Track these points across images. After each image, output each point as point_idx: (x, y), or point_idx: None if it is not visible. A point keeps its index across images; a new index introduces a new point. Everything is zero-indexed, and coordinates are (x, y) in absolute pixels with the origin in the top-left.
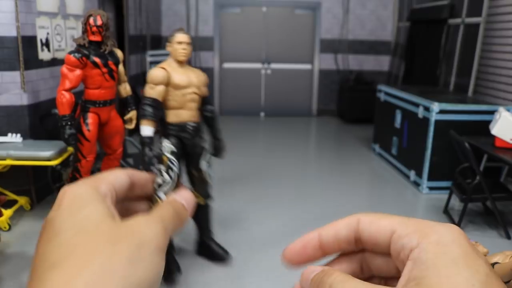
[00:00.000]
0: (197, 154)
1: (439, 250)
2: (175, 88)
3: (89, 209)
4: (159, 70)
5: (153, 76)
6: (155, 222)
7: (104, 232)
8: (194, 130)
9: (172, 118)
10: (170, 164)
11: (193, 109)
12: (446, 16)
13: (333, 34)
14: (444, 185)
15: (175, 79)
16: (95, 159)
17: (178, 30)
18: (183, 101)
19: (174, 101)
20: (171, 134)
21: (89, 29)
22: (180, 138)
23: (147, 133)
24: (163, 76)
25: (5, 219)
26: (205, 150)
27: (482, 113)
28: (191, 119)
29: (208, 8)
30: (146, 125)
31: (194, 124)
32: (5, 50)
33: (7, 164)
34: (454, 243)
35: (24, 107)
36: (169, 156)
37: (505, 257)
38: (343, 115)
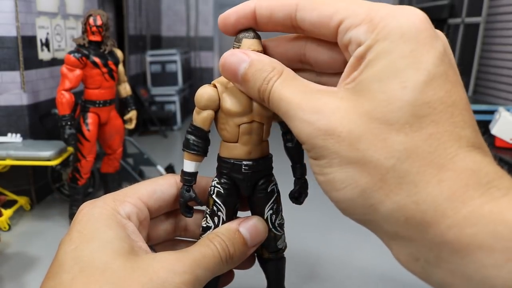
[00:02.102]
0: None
1: (384, 48)
2: (227, 114)
3: (99, 242)
4: (206, 89)
5: (198, 97)
6: (183, 268)
7: (111, 274)
8: (252, 172)
9: (223, 152)
10: (215, 208)
11: (253, 142)
12: (446, 16)
13: None
14: None
15: (227, 103)
16: (95, 159)
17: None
18: (236, 132)
19: (225, 131)
20: (223, 173)
21: (89, 29)
22: (233, 179)
23: (187, 169)
24: (209, 98)
25: (5, 219)
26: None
27: (482, 113)
28: (248, 156)
29: (208, 8)
30: (186, 159)
31: (251, 163)
32: (5, 50)
33: (6, 164)
34: (403, 34)
35: (24, 107)
36: (215, 199)
37: None
38: None
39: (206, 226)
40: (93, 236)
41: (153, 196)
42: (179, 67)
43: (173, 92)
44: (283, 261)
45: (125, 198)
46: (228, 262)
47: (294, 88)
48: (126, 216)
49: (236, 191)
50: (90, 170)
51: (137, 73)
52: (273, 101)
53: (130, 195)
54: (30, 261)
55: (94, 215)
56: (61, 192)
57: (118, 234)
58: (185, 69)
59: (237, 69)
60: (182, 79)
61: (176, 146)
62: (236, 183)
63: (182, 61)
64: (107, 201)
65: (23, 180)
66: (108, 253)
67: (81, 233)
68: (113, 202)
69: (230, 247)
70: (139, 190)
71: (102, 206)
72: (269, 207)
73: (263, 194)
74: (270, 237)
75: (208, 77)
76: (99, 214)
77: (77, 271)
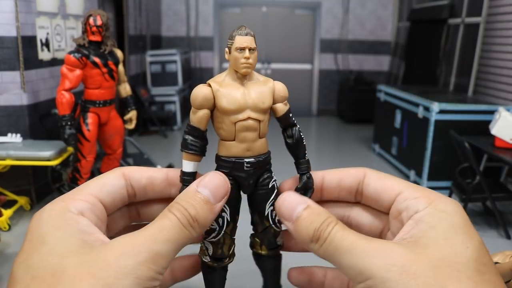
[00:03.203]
0: (260, 197)
1: (442, 217)
2: (222, 113)
3: (48, 245)
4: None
5: (193, 96)
6: (137, 248)
7: (62, 273)
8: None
9: (222, 151)
10: None
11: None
12: (446, 16)
13: (333, 34)
14: (444, 185)
15: (222, 101)
16: (95, 159)
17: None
18: (233, 129)
19: (222, 129)
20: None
21: (89, 29)
22: (234, 177)
23: (186, 169)
24: (204, 98)
25: (5, 219)
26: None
27: (482, 113)
28: (247, 153)
29: (208, 8)
30: (185, 159)
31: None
32: (5, 50)
33: (7, 164)
34: (456, 213)
35: (24, 107)
36: None
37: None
38: (343, 115)
39: (210, 229)
40: (42, 241)
41: (103, 190)
42: (179, 67)
43: (173, 92)
44: (279, 258)
45: (75, 196)
46: (194, 226)
47: (355, 234)
48: (79, 213)
49: (238, 189)
50: (90, 170)
51: (137, 73)
52: (334, 240)
53: (79, 193)
54: None
55: (43, 220)
56: (61, 192)
57: (67, 232)
58: (185, 69)
59: (294, 208)
60: (182, 79)
61: (176, 146)
62: (237, 182)
63: (182, 61)
64: (55, 202)
65: (23, 180)
66: (57, 253)
67: (30, 242)
68: (62, 202)
69: (191, 209)
70: (88, 187)
71: (50, 209)
72: (270, 203)
73: (265, 190)
74: (270, 233)
75: (208, 77)
76: (47, 217)
77: (29, 279)
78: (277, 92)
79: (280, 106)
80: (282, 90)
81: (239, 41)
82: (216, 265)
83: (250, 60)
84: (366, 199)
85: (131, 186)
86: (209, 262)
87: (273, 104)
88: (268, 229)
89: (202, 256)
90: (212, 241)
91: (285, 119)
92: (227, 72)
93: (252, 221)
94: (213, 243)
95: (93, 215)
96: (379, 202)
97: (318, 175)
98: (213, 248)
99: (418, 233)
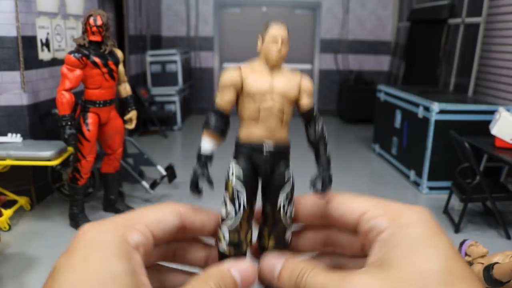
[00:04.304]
0: (274, 186)
1: (404, 233)
2: (248, 95)
3: (106, 274)
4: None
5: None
6: None
7: None
8: (271, 155)
9: (243, 135)
10: (235, 192)
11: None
12: (446, 16)
13: (333, 34)
14: (444, 185)
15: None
16: (95, 159)
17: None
18: (257, 113)
19: (246, 110)
20: (242, 155)
21: (89, 29)
22: (252, 162)
23: (205, 150)
24: (232, 81)
25: (5, 219)
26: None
27: (482, 113)
28: (267, 138)
29: (208, 8)
30: (205, 136)
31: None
32: (5, 50)
33: (7, 164)
34: (418, 224)
35: (24, 107)
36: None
37: (505, 257)
38: (343, 115)
39: (226, 214)
40: (101, 267)
41: (158, 225)
42: (179, 67)
43: (173, 92)
44: None
45: (134, 225)
46: None
47: (326, 275)
48: (135, 246)
49: (255, 174)
50: (90, 170)
51: (137, 73)
52: (310, 286)
53: (138, 221)
54: (30, 261)
55: (102, 241)
56: (61, 192)
57: (126, 268)
58: (185, 69)
59: (274, 268)
60: (182, 79)
61: (176, 146)
62: (254, 167)
63: (182, 61)
64: (116, 225)
65: (23, 180)
66: (98, 284)
67: (86, 261)
68: (122, 228)
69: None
70: (147, 217)
71: (111, 231)
72: (284, 194)
73: (280, 181)
74: (280, 228)
75: (208, 77)
76: (107, 241)
77: None
78: (303, 86)
79: (305, 100)
80: (308, 85)
81: (273, 32)
82: (234, 252)
83: (283, 51)
84: (334, 223)
85: (184, 228)
86: (225, 250)
87: (298, 98)
88: (278, 223)
89: (218, 246)
90: (229, 228)
91: (309, 114)
92: (258, 61)
93: (263, 211)
94: (230, 229)
95: (145, 251)
96: (347, 226)
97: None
98: (230, 234)
99: (383, 256)
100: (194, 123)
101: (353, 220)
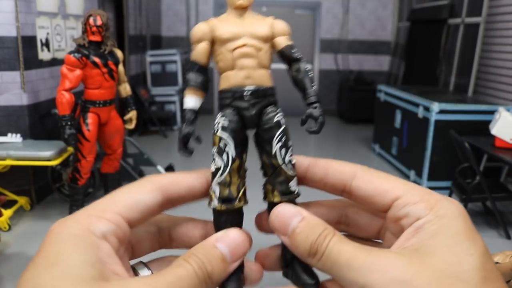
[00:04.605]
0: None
1: (444, 223)
2: (221, 43)
3: (62, 267)
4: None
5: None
6: None
7: None
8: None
9: (223, 84)
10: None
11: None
12: (446, 16)
13: (333, 34)
14: (444, 185)
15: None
16: (95, 159)
17: None
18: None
19: (221, 61)
20: (225, 105)
21: (89, 29)
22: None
23: (188, 104)
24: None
25: (5, 219)
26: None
27: (482, 113)
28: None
29: (208, 8)
30: (187, 94)
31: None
32: (5, 50)
33: (7, 164)
34: (458, 218)
35: (24, 107)
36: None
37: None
38: (343, 115)
39: (216, 169)
40: (57, 260)
41: (134, 208)
42: (179, 67)
43: (173, 92)
44: None
45: (101, 214)
46: (207, 283)
47: (353, 246)
48: (102, 236)
49: (242, 123)
50: (90, 170)
51: (137, 73)
52: (331, 254)
53: (107, 209)
54: (30, 261)
55: (64, 236)
56: (61, 192)
57: (87, 258)
58: (185, 69)
59: (289, 221)
60: (182, 79)
61: (176, 146)
62: (240, 114)
63: (182, 61)
64: (79, 218)
65: (23, 180)
66: (69, 280)
67: (45, 258)
68: (87, 219)
69: (208, 264)
70: (118, 203)
71: (73, 226)
72: (277, 139)
73: (269, 125)
74: (281, 176)
75: None
76: (68, 235)
77: None
78: (276, 26)
79: (280, 39)
80: (281, 25)
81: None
82: (225, 208)
83: None
84: (357, 201)
85: (169, 203)
86: (217, 206)
87: (273, 38)
88: (278, 171)
89: (210, 204)
90: (219, 182)
91: (288, 53)
92: (226, 12)
93: (262, 166)
94: (220, 183)
95: (116, 239)
96: (373, 207)
97: (303, 163)
98: (221, 188)
99: (419, 242)
100: None
101: (383, 202)
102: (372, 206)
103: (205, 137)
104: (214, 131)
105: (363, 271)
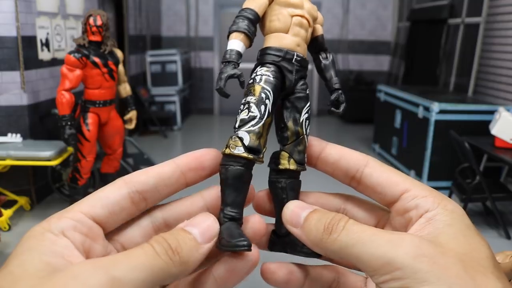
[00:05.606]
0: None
1: (454, 216)
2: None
3: (10, 267)
4: None
5: None
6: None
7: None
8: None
9: (272, 41)
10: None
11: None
12: (446, 16)
13: (333, 34)
14: (444, 185)
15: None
16: (95, 159)
17: None
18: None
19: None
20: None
21: (89, 29)
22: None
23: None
24: None
25: (5, 219)
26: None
27: (482, 113)
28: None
29: (208, 8)
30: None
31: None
32: (5, 50)
33: (7, 164)
34: (464, 215)
35: (24, 107)
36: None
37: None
38: (343, 115)
39: (250, 117)
40: (7, 263)
41: (97, 204)
42: (179, 67)
43: (173, 92)
44: (300, 184)
45: (63, 214)
46: (173, 258)
47: (370, 228)
48: (59, 233)
49: (282, 83)
50: (90, 170)
51: (137, 73)
52: (352, 230)
53: (69, 209)
54: None
55: (22, 242)
56: (61, 192)
57: (34, 254)
58: (185, 69)
59: (300, 213)
60: (182, 79)
61: (176, 146)
62: (283, 76)
63: (182, 61)
64: (43, 222)
65: (23, 180)
66: (12, 276)
67: (8, 261)
68: (48, 221)
69: (172, 240)
70: (80, 203)
71: (34, 229)
72: (306, 110)
73: (303, 93)
74: (302, 145)
75: (208, 77)
76: (26, 238)
77: None
78: (319, 14)
79: (319, 27)
80: (321, 15)
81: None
82: (251, 157)
83: None
84: (365, 189)
85: (137, 193)
86: (243, 153)
87: (314, 23)
88: (301, 139)
89: (231, 149)
90: (251, 130)
91: (322, 41)
92: None
93: (282, 131)
94: (252, 132)
95: (78, 234)
96: (381, 196)
97: (320, 144)
98: (251, 136)
99: (435, 231)
100: (194, 123)
101: (393, 193)
102: (380, 196)
103: (205, 137)
104: (254, 81)
105: (391, 246)
